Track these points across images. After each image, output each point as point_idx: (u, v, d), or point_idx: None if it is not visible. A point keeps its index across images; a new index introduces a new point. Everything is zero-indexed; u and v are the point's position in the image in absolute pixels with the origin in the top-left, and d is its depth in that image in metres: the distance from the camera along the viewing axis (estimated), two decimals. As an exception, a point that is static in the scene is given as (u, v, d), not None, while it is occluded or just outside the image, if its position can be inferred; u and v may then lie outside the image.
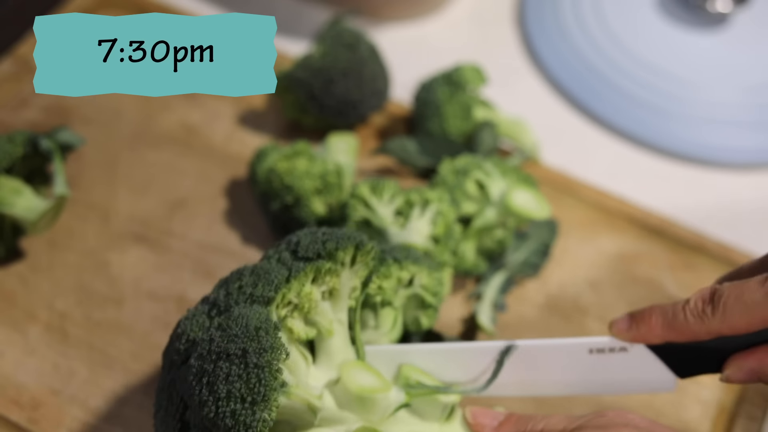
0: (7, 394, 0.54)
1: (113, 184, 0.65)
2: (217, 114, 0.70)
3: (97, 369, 0.55)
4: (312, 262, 0.44)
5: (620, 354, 0.45)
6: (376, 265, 0.47)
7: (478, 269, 0.59)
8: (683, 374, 0.45)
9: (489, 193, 0.58)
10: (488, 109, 0.66)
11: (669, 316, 0.43)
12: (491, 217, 0.57)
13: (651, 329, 0.43)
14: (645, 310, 0.44)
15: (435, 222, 0.55)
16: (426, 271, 0.51)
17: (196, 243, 0.62)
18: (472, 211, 0.58)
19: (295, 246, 0.45)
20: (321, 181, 0.59)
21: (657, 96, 0.72)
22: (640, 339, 0.44)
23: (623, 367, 0.45)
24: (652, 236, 0.65)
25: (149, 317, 0.58)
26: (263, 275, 0.43)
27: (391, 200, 0.56)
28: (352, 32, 0.66)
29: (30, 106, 0.69)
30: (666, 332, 0.43)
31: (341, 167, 0.60)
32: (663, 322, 0.43)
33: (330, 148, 0.62)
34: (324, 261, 0.44)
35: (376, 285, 0.49)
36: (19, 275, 0.59)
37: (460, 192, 0.57)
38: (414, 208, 0.56)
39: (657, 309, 0.43)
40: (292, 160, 0.59)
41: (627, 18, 0.77)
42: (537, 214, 0.56)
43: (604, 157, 0.71)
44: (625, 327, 0.44)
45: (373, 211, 0.56)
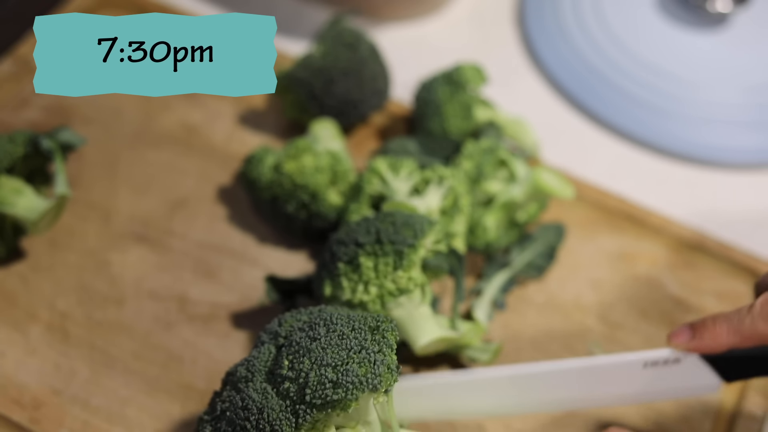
0: (9, 394, 0.54)
1: (114, 183, 0.65)
2: (218, 114, 0.70)
3: (99, 369, 0.55)
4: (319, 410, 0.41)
5: (673, 365, 0.46)
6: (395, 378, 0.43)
7: (500, 242, 0.60)
8: (731, 378, 0.45)
9: (514, 172, 0.59)
10: (489, 109, 0.66)
11: (734, 322, 0.43)
12: (517, 193, 0.58)
13: (716, 337, 0.44)
14: (707, 320, 0.44)
15: (446, 196, 0.56)
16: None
17: (196, 243, 0.62)
18: (497, 190, 0.59)
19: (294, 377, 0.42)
20: (331, 173, 0.59)
21: (657, 96, 0.72)
22: (704, 349, 0.44)
23: (673, 376, 0.46)
24: (652, 235, 0.65)
25: (150, 317, 0.58)
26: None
27: (408, 177, 0.57)
28: (353, 32, 0.66)
29: (30, 106, 0.69)
30: (732, 339, 0.43)
31: (339, 153, 0.61)
32: (728, 329, 0.43)
33: (318, 137, 0.62)
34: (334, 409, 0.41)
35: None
36: (20, 275, 0.59)
37: (489, 166, 0.58)
38: (430, 185, 0.57)
39: (720, 317, 0.44)
40: (298, 159, 0.59)
41: (627, 18, 0.77)
42: (563, 193, 0.57)
43: (604, 157, 0.71)
44: (686, 338, 0.45)
45: (387, 185, 0.57)
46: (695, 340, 0.45)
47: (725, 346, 0.44)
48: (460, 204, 0.56)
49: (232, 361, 0.56)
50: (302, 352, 0.42)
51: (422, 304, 0.52)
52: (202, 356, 0.56)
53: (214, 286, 0.60)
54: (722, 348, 0.44)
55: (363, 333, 0.42)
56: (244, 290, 0.60)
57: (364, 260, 0.50)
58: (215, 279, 0.60)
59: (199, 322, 0.58)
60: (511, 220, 0.61)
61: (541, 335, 0.59)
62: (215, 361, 0.56)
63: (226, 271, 0.61)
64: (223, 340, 0.57)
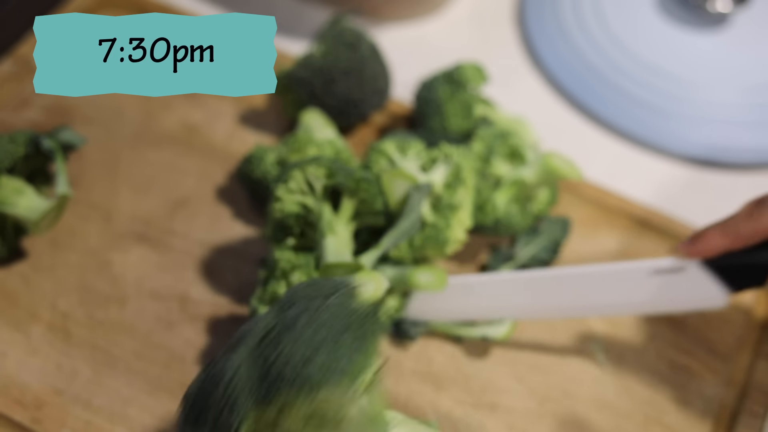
0: (11, 394, 0.54)
1: (115, 183, 0.65)
2: (218, 113, 0.70)
3: (100, 368, 0.55)
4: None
5: (678, 274, 0.51)
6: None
7: (510, 222, 0.60)
8: (736, 288, 0.50)
9: (524, 156, 0.59)
10: (489, 108, 0.66)
11: (723, 225, 0.49)
12: (527, 174, 0.59)
13: (709, 241, 0.50)
14: (702, 229, 0.51)
15: (450, 171, 0.57)
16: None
17: (197, 242, 0.62)
18: (508, 172, 0.60)
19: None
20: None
21: (657, 96, 0.73)
22: (702, 252, 0.50)
23: (681, 286, 0.51)
24: (652, 233, 0.65)
25: (152, 316, 0.58)
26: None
27: (416, 157, 0.58)
28: (353, 32, 0.66)
29: (31, 106, 0.69)
30: (723, 241, 0.49)
31: (338, 142, 0.61)
32: (720, 232, 0.49)
33: (310, 128, 0.62)
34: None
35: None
36: (21, 275, 0.59)
37: (498, 146, 0.59)
38: (437, 163, 0.57)
39: (714, 224, 0.50)
40: (303, 152, 0.59)
41: (627, 18, 0.77)
42: (572, 175, 0.58)
43: (604, 157, 0.71)
44: (687, 243, 0.51)
45: (394, 165, 0.57)
46: (693, 245, 0.50)
47: (719, 247, 0.49)
48: (462, 176, 0.56)
49: (233, 360, 0.56)
50: (289, 326, 0.41)
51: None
52: (204, 356, 0.56)
53: (215, 286, 0.60)
54: (717, 250, 0.49)
55: (350, 317, 0.41)
56: (245, 289, 0.60)
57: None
58: (216, 278, 0.60)
59: (201, 321, 0.58)
60: (522, 206, 0.61)
61: (543, 332, 0.59)
62: (217, 361, 0.56)
63: (227, 271, 0.61)
64: (224, 340, 0.57)
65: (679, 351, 0.59)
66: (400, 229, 0.54)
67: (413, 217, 0.54)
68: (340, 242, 0.53)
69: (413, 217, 0.54)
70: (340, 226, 0.54)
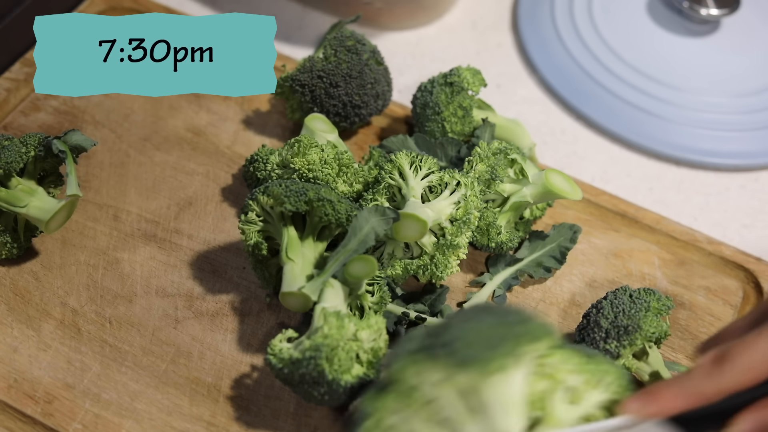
0: (22, 389, 0.55)
1: (123, 184, 0.66)
2: (224, 117, 0.71)
3: (109, 364, 0.57)
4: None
5: (633, 428, 0.44)
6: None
7: (512, 243, 0.61)
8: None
9: (526, 173, 0.60)
10: (486, 112, 0.68)
11: (681, 384, 0.43)
12: (528, 194, 0.60)
13: (666, 403, 0.43)
14: (654, 387, 0.44)
15: (458, 205, 0.57)
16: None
17: (203, 241, 0.63)
18: (510, 191, 0.60)
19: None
20: (338, 164, 0.60)
21: (648, 99, 0.74)
22: (657, 414, 0.44)
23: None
24: (645, 233, 0.66)
25: (159, 313, 0.59)
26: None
27: (426, 176, 0.58)
28: (355, 38, 0.68)
29: (42, 109, 0.70)
30: (681, 402, 0.43)
31: (340, 145, 0.62)
32: (676, 393, 0.43)
33: (313, 131, 0.63)
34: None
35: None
36: (32, 273, 0.61)
37: (501, 169, 0.59)
38: (446, 189, 0.58)
39: (670, 382, 0.44)
40: (305, 155, 0.60)
41: (619, 24, 0.78)
42: (572, 195, 0.59)
43: (598, 160, 0.73)
44: (639, 406, 0.44)
45: (405, 180, 0.58)
46: (646, 405, 0.44)
47: (676, 409, 0.43)
48: (471, 219, 0.57)
49: (238, 356, 0.57)
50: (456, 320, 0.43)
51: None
52: (210, 351, 0.58)
53: (220, 284, 0.61)
54: (675, 411, 0.43)
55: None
56: (249, 287, 0.61)
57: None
58: (222, 276, 0.62)
59: (207, 318, 0.59)
60: (519, 220, 0.62)
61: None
62: (222, 356, 0.58)
63: (232, 269, 0.62)
64: (229, 336, 0.59)
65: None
66: (347, 249, 0.54)
67: (361, 236, 0.53)
68: (296, 269, 0.54)
69: (361, 236, 0.53)
70: (305, 248, 0.55)
